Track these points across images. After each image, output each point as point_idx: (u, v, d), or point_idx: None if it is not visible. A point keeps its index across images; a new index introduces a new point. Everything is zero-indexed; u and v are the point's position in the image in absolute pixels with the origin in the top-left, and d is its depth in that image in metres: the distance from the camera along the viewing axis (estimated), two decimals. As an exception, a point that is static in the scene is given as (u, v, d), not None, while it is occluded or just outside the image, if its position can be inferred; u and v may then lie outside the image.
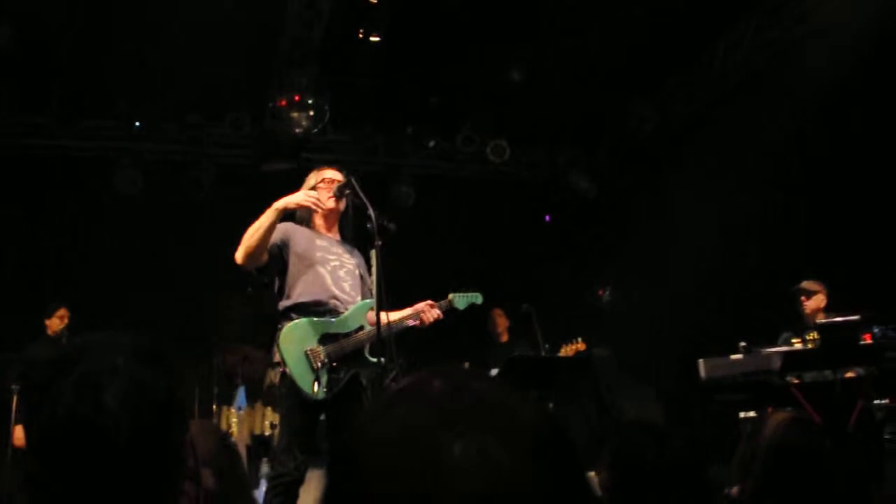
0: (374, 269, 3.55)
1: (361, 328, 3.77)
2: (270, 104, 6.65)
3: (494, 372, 4.48)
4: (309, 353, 3.61)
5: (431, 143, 7.60)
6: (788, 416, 2.61)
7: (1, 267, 6.53)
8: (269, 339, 4.01)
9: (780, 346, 5.50)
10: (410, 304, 4.41)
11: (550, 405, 4.51)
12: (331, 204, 3.86)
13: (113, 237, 6.68)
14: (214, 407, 6.23)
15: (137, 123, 6.84)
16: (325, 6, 5.60)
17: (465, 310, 4.92)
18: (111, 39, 5.84)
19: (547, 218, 8.88)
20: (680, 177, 7.03)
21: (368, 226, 3.57)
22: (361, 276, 3.97)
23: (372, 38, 5.84)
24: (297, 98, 6.41)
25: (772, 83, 6.41)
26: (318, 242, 3.84)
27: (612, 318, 7.90)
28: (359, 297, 3.90)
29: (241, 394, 5.98)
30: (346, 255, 3.93)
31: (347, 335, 3.73)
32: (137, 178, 6.97)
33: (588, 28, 6.13)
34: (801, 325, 5.50)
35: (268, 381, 5.64)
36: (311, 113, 6.52)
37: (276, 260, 3.69)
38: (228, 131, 7.27)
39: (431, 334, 5.19)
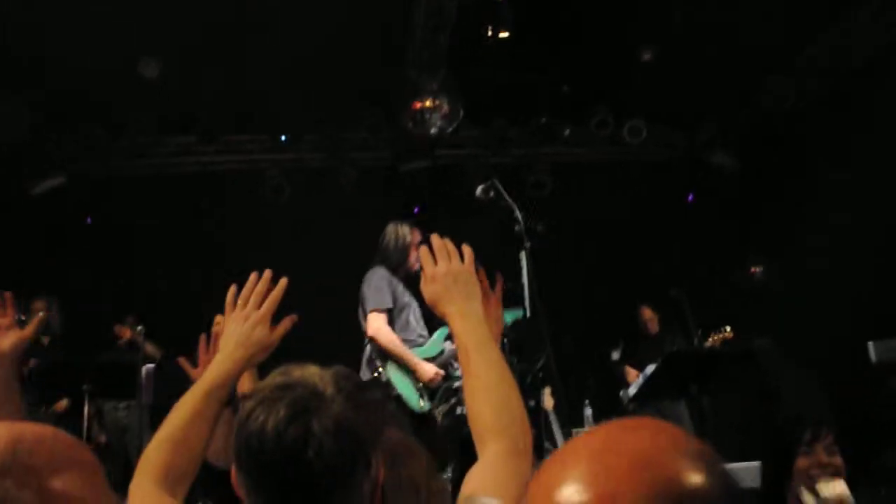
0: (524, 272, 3.61)
1: (443, 352, 4.51)
2: (405, 108, 6.79)
3: (651, 369, 4.44)
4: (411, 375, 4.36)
5: (567, 132, 7.50)
6: None
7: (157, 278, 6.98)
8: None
9: None
10: (554, 300, 4.50)
11: (706, 399, 4.40)
12: (416, 266, 4.45)
13: (264, 246, 7.05)
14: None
15: (283, 137, 7.19)
16: (451, 10, 5.65)
17: (610, 299, 4.91)
18: (247, 59, 6.13)
19: (690, 197, 8.57)
20: (830, 150, 6.60)
21: (516, 228, 3.62)
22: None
23: (500, 35, 5.84)
24: (429, 101, 6.54)
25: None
26: (400, 289, 4.59)
27: (766, 298, 7.54)
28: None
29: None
30: (413, 296, 4.59)
31: (434, 358, 4.46)
32: (284, 187, 7.33)
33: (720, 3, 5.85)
34: None
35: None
36: (445, 113, 6.63)
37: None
38: (365, 136, 7.50)
39: (576, 326, 5.19)
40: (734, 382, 4.65)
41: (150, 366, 5.13)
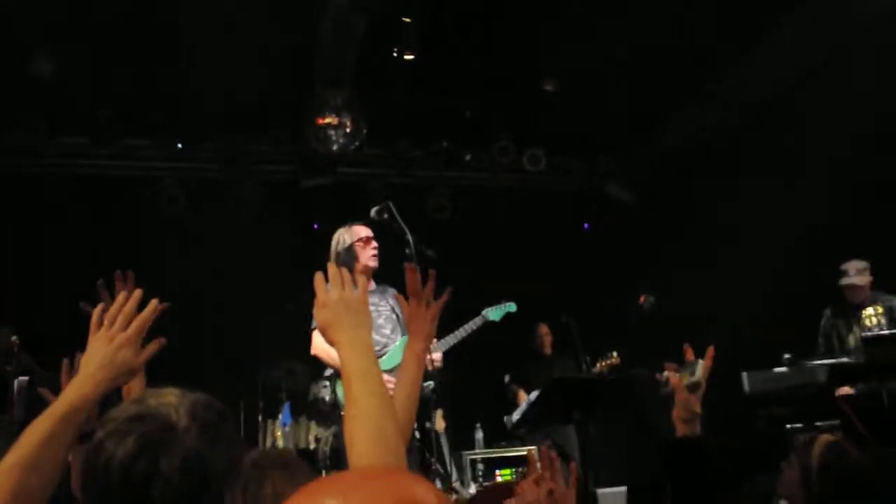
0: None
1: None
2: (308, 122, 6.74)
3: (535, 394, 4.52)
4: None
5: (467, 157, 7.62)
6: (835, 440, 2.59)
7: (39, 288, 6.64)
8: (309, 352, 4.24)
9: (823, 325, 5.45)
10: (452, 319, 4.56)
11: (591, 426, 4.53)
12: (373, 263, 4.25)
13: (155, 258, 6.82)
14: (260, 420, 6.36)
15: (179, 145, 7.00)
16: (360, 27, 5.67)
17: (508, 322, 4.99)
18: (149, 61, 5.96)
19: (586, 226, 8.83)
20: (721, 184, 6.95)
21: (407, 251, 3.66)
22: (397, 315, 4.27)
23: (406, 57, 5.89)
24: (333, 117, 6.52)
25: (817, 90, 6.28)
26: None
27: (652, 327, 7.83)
28: (398, 336, 4.24)
29: (286, 410, 6.07)
30: (382, 303, 4.32)
31: (392, 370, 4.06)
32: (180, 198, 7.12)
33: (621, 35, 6.09)
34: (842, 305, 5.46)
35: (310, 395, 5.72)
36: (348, 131, 6.62)
37: None
38: (268, 148, 7.39)
39: (476, 349, 5.26)
40: (615, 409, 4.81)
41: (24, 378, 4.86)
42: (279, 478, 1.75)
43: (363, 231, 4.29)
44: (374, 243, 4.28)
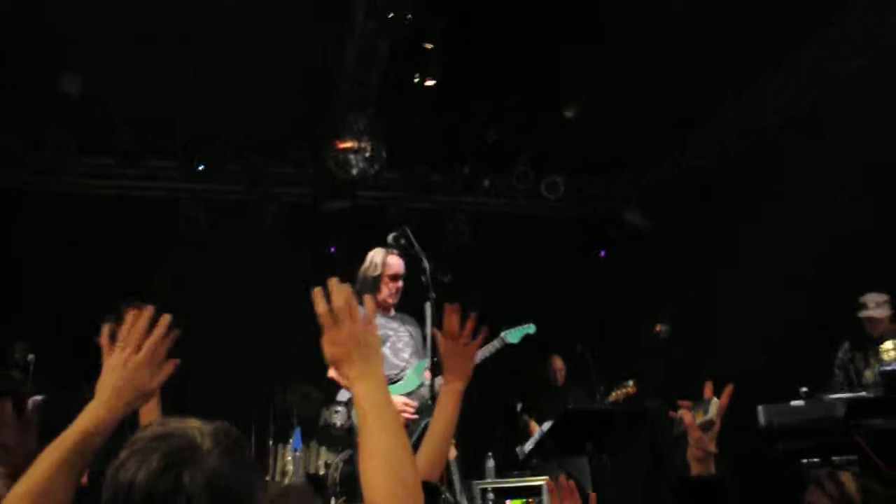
0: (427, 322, 3.71)
1: (422, 384, 4.27)
2: (328, 146, 6.80)
3: (547, 425, 4.48)
4: None
5: (486, 183, 7.65)
6: (852, 478, 2.53)
7: (58, 307, 6.70)
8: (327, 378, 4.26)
9: (840, 358, 5.38)
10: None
11: (605, 457, 4.48)
12: (391, 301, 4.41)
13: (173, 278, 6.87)
14: (271, 444, 6.34)
15: (201, 167, 7.07)
16: (383, 51, 5.73)
17: (522, 351, 4.97)
18: (170, 82, 6.06)
19: (602, 254, 8.80)
20: (741, 210, 6.91)
21: (422, 278, 3.70)
22: (415, 340, 4.43)
23: (427, 83, 5.94)
24: (353, 142, 6.57)
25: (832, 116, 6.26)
26: (378, 321, 4.18)
27: (668, 355, 7.77)
28: (416, 360, 4.36)
29: (297, 435, 6.06)
30: (401, 328, 4.44)
31: (410, 394, 4.25)
32: (200, 218, 7.19)
33: (639, 61, 6.10)
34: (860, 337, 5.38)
35: (322, 420, 5.71)
36: (368, 156, 6.67)
37: None
38: (290, 170, 7.46)
39: (488, 377, 5.24)
40: (629, 441, 4.75)
41: (38, 398, 4.87)
42: None
43: (395, 268, 4.37)
44: (400, 283, 4.37)
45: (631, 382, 6.21)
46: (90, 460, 1.53)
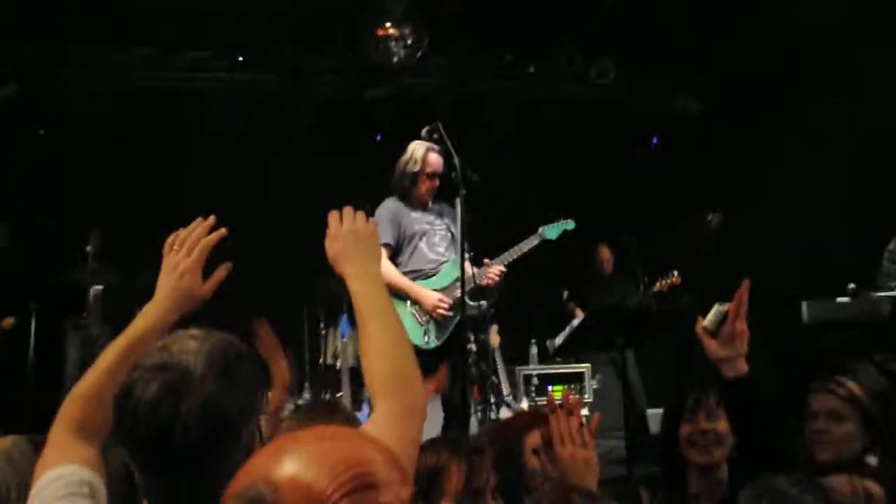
0: (457, 220, 3.74)
1: (456, 280, 4.13)
2: (368, 34, 6.64)
3: (577, 321, 4.52)
4: (414, 311, 4.18)
5: (531, 68, 7.41)
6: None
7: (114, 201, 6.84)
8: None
9: (890, 249, 5.16)
10: (510, 236, 4.58)
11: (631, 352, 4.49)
12: (427, 198, 4.38)
13: (216, 173, 6.95)
14: (322, 329, 6.59)
15: (240, 58, 6.99)
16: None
17: (569, 240, 4.95)
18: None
19: (654, 140, 8.57)
20: (792, 103, 6.60)
21: (452, 175, 3.69)
22: (452, 234, 4.35)
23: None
24: (394, 29, 6.40)
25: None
26: (413, 216, 4.34)
27: (717, 246, 7.67)
28: (452, 254, 4.31)
29: (343, 322, 6.24)
30: (438, 221, 4.41)
31: (445, 289, 4.23)
32: (241, 111, 7.19)
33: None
34: None
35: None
36: (409, 42, 6.50)
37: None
38: (329, 60, 7.33)
39: (534, 265, 5.28)
40: (658, 339, 4.77)
41: (98, 287, 5.13)
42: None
43: (435, 166, 4.27)
44: (437, 182, 4.31)
45: (676, 273, 6.19)
46: None
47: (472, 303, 4.19)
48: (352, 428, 1.31)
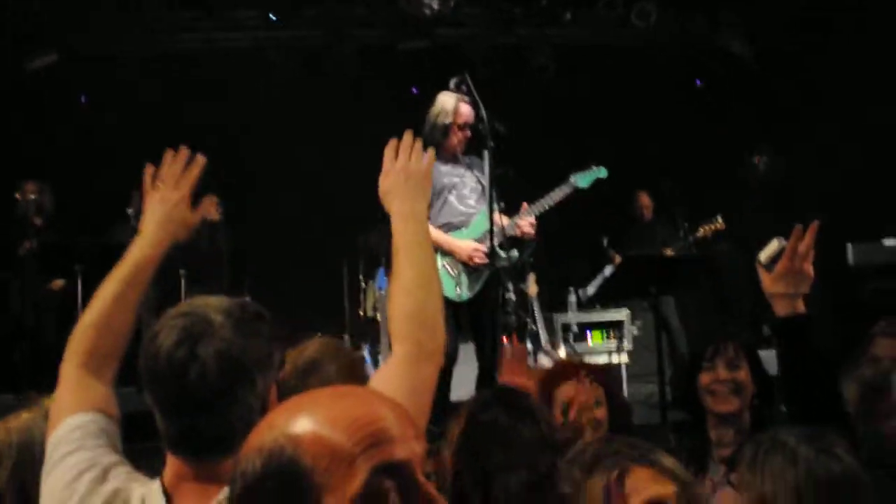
0: (485, 172, 3.71)
1: (487, 231, 4.08)
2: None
3: (609, 269, 4.47)
4: (445, 264, 4.16)
5: (568, 15, 7.23)
6: None
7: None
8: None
9: None
10: (547, 183, 4.51)
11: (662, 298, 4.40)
12: (458, 150, 4.29)
13: (260, 127, 7.01)
14: (362, 281, 6.69)
15: (273, 17, 6.98)
16: None
17: (609, 185, 4.87)
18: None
19: (697, 82, 8.35)
20: (844, 47, 6.33)
21: (480, 126, 3.65)
22: (483, 186, 4.27)
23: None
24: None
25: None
26: (444, 169, 4.25)
27: (764, 189, 7.48)
28: (482, 206, 4.23)
29: (380, 274, 6.31)
30: (468, 173, 4.33)
31: (476, 241, 4.19)
32: (280, 66, 7.21)
33: None
34: None
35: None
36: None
37: None
38: (363, 11, 7.28)
39: (576, 216, 5.22)
40: (692, 286, 4.70)
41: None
42: (326, 370, 1.89)
43: (466, 117, 4.20)
44: (469, 132, 4.21)
45: (719, 218, 6.04)
46: (144, 291, 1.69)
47: (503, 254, 4.16)
48: (365, 387, 1.32)
